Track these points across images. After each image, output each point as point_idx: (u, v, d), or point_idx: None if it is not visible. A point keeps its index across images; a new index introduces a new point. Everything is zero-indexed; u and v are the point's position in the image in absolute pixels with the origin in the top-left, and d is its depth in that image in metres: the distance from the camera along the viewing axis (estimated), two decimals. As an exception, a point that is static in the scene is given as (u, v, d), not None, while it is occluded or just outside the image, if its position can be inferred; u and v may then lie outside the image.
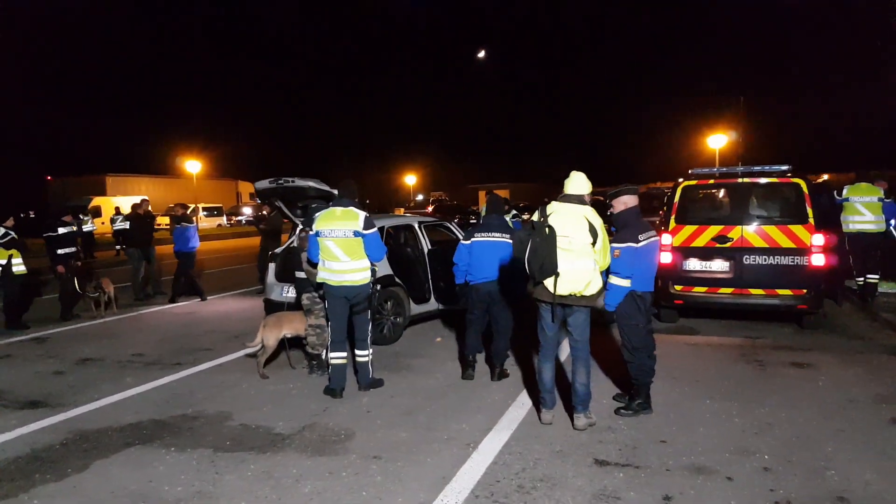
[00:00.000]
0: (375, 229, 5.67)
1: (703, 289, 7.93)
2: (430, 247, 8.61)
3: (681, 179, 8.31)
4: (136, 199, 13.73)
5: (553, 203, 4.86)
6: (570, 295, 4.67)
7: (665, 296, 8.20)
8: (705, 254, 7.89)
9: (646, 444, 4.53)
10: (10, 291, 9.16)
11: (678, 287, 8.07)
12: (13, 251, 9.08)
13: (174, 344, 7.96)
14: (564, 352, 5.90)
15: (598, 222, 4.74)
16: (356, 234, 5.57)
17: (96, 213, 26.59)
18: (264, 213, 13.02)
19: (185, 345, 7.89)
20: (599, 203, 6.44)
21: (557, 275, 4.61)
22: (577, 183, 4.86)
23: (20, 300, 9.37)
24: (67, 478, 4.13)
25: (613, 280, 4.96)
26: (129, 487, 3.99)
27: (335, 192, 7.49)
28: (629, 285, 4.95)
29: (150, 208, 14.17)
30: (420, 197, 59.90)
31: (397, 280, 7.82)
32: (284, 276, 7.78)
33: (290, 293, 7.53)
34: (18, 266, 9.16)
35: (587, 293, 4.69)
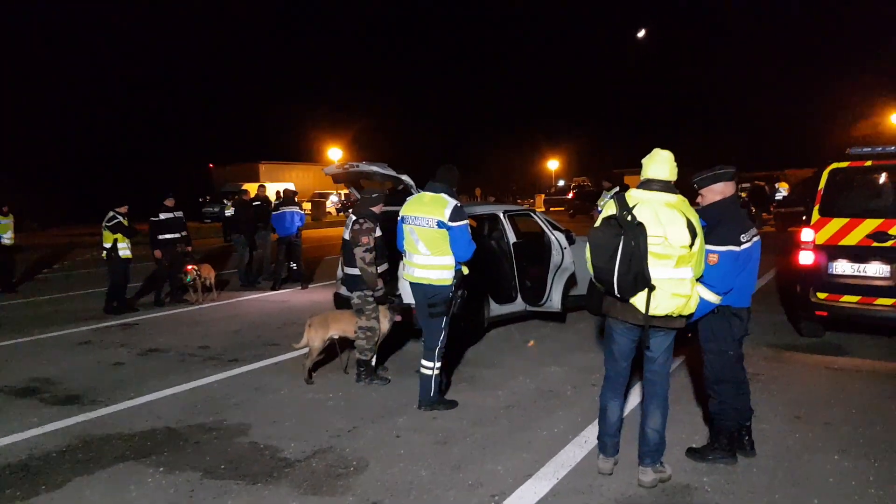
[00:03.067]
0: (464, 222, 4.84)
1: (855, 298, 6.26)
2: (515, 239, 7.62)
3: (828, 160, 6.63)
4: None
5: (634, 192, 3.58)
6: (668, 316, 3.45)
7: (805, 305, 6.65)
8: (858, 254, 6.21)
9: (732, 518, 3.33)
10: (115, 275, 9.43)
11: (822, 295, 6.46)
12: (118, 235, 9.31)
13: (245, 336, 7.68)
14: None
15: (695, 217, 3.51)
16: (440, 224, 4.79)
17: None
18: (352, 199, 12.64)
19: (256, 337, 7.58)
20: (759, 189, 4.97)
21: (652, 288, 3.40)
22: (664, 164, 3.55)
23: (124, 284, 9.62)
24: (35, 496, 3.74)
25: (702, 292, 3.70)
26: (87, 517, 3.52)
27: (402, 177, 6.76)
28: (718, 301, 3.70)
29: (266, 194, 14.36)
30: (561, 182, 57.71)
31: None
32: None
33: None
34: (124, 250, 9.38)
35: (686, 313, 3.49)
